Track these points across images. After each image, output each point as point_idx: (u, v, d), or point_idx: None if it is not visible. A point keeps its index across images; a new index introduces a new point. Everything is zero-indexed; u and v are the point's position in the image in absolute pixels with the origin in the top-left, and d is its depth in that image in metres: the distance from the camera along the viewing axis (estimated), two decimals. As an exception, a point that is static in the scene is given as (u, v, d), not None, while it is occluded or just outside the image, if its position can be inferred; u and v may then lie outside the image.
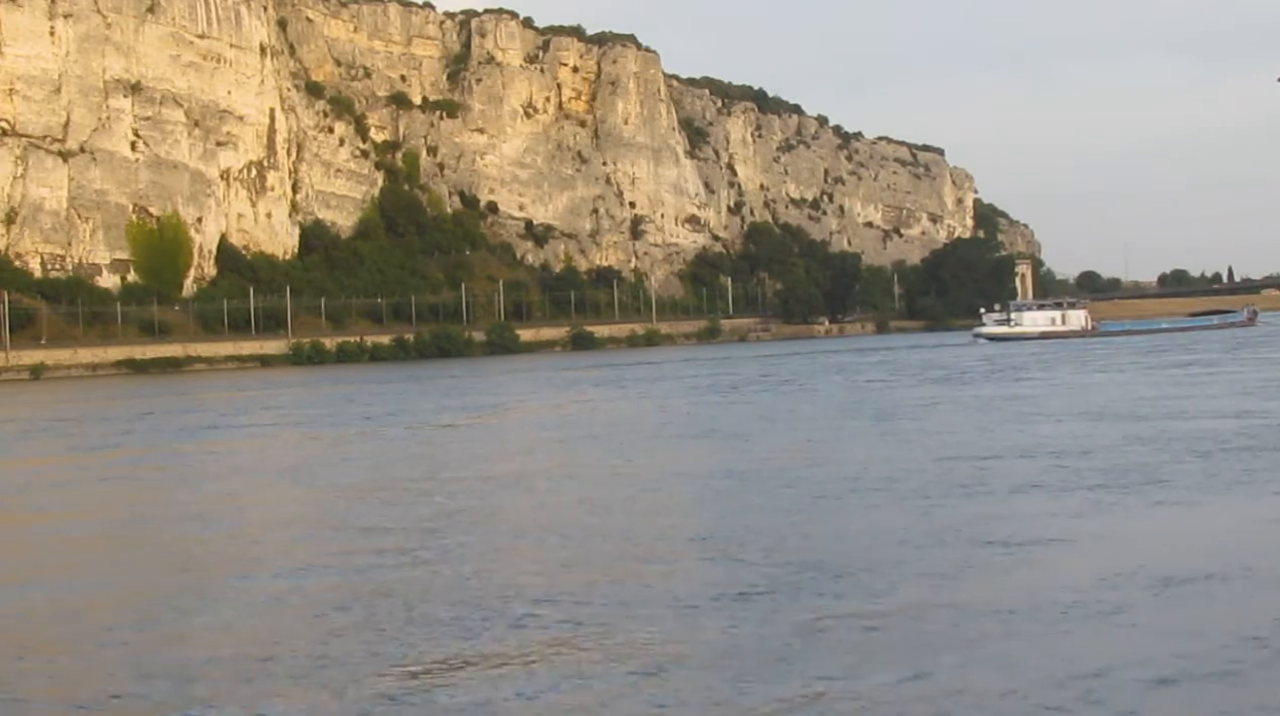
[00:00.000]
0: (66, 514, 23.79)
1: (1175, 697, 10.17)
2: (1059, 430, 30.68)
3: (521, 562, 16.64)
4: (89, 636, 13.35)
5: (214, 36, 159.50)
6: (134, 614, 14.27)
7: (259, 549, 18.83)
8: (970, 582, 14.20)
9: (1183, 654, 11.18)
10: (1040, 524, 17.61)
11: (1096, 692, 10.15)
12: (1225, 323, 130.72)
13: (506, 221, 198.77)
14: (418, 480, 26.20)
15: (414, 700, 10.54)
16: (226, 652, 12.27)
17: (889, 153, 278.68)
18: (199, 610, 14.23)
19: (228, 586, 15.63)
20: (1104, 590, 13.49)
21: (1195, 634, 11.85)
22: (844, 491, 21.46)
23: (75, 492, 27.76)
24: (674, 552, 16.75)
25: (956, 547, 16.08)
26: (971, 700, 10.15)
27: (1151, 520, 18.06)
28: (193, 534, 20.28)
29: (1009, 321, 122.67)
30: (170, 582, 16.16)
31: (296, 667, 11.57)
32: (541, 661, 11.46)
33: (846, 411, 40.58)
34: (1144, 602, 13.06)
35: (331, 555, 17.48)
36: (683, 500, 22.24)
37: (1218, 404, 36.70)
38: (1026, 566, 15.16)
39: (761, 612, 12.98)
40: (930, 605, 13.16)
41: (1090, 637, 11.81)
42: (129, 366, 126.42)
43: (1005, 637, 11.86)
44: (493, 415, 48.73)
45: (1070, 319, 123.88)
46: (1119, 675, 10.56)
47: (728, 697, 10.35)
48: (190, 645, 12.75)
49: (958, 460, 25.04)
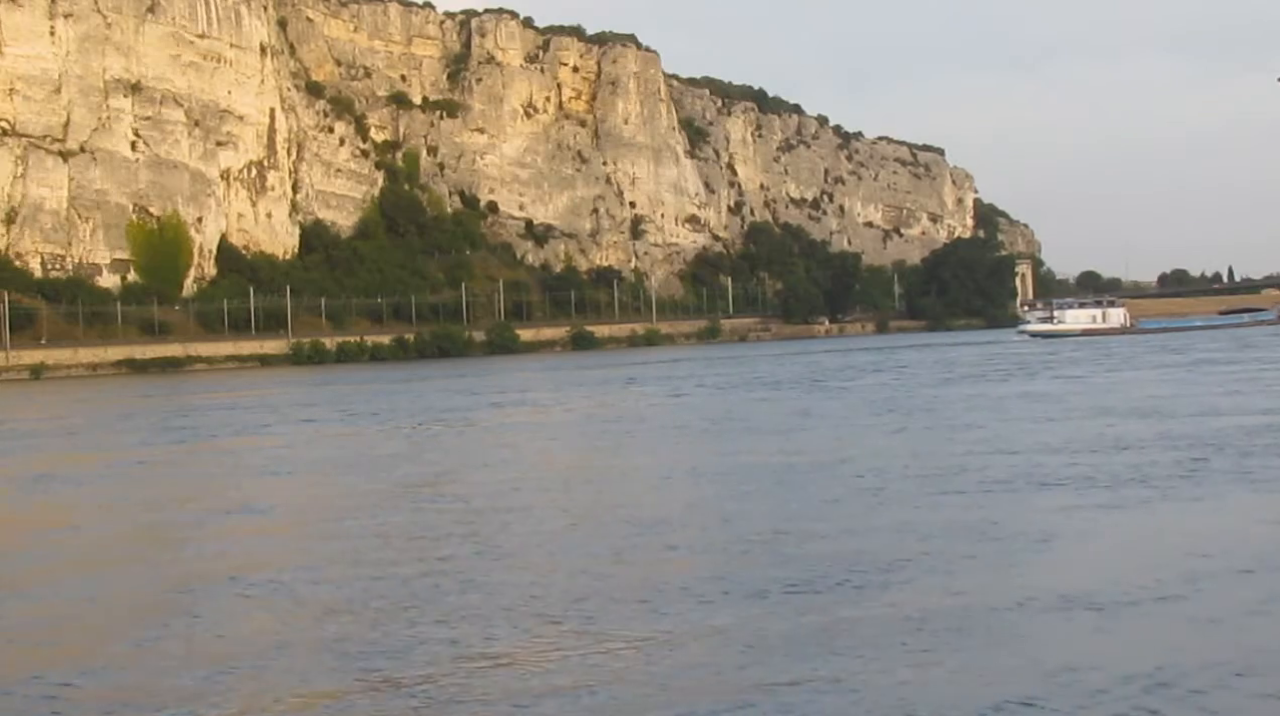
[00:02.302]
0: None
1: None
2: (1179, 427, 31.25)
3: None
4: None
5: (214, 36, 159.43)
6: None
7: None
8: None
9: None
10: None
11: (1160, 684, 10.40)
12: (1256, 321, 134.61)
13: (506, 221, 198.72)
14: (578, 468, 28.00)
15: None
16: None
17: (889, 152, 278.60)
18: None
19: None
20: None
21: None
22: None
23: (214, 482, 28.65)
24: (788, 543, 17.22)
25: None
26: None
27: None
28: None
29: (1052, 319, 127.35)
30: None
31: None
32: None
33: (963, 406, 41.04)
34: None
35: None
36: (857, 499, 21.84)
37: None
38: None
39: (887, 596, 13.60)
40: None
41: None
42: (129, 366, 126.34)
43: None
44: (540, 411, 49.56)
45: (1110, 316, 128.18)
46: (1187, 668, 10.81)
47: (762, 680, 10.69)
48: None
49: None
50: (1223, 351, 75.75)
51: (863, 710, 10.04)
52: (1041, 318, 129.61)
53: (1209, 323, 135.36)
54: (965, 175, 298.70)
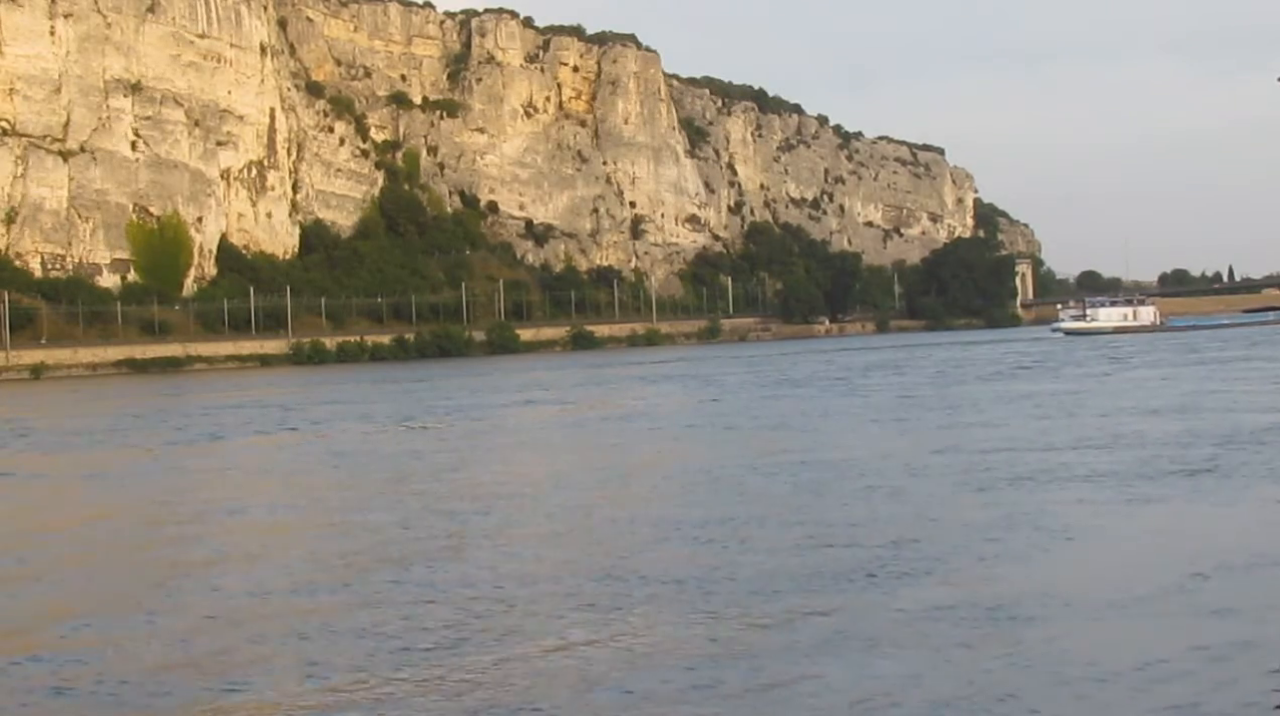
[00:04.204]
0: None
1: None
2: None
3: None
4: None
5: (214, 36, 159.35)
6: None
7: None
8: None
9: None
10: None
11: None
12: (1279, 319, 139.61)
13: (506, 221, 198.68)
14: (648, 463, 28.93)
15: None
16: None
17: (889, 152, 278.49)
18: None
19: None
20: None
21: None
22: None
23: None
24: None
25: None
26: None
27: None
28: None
29: (1085, 317, 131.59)
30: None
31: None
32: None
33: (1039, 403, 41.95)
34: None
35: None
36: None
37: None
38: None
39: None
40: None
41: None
42: (129, 366, 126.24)
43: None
44: (579, 407, 50.37)
45: (1141, 315, 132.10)
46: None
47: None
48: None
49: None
50: (1259, 348, 77.85)
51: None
52: (1075, 316, 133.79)
53: (1235, 321, 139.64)
54: (965, 175, 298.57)
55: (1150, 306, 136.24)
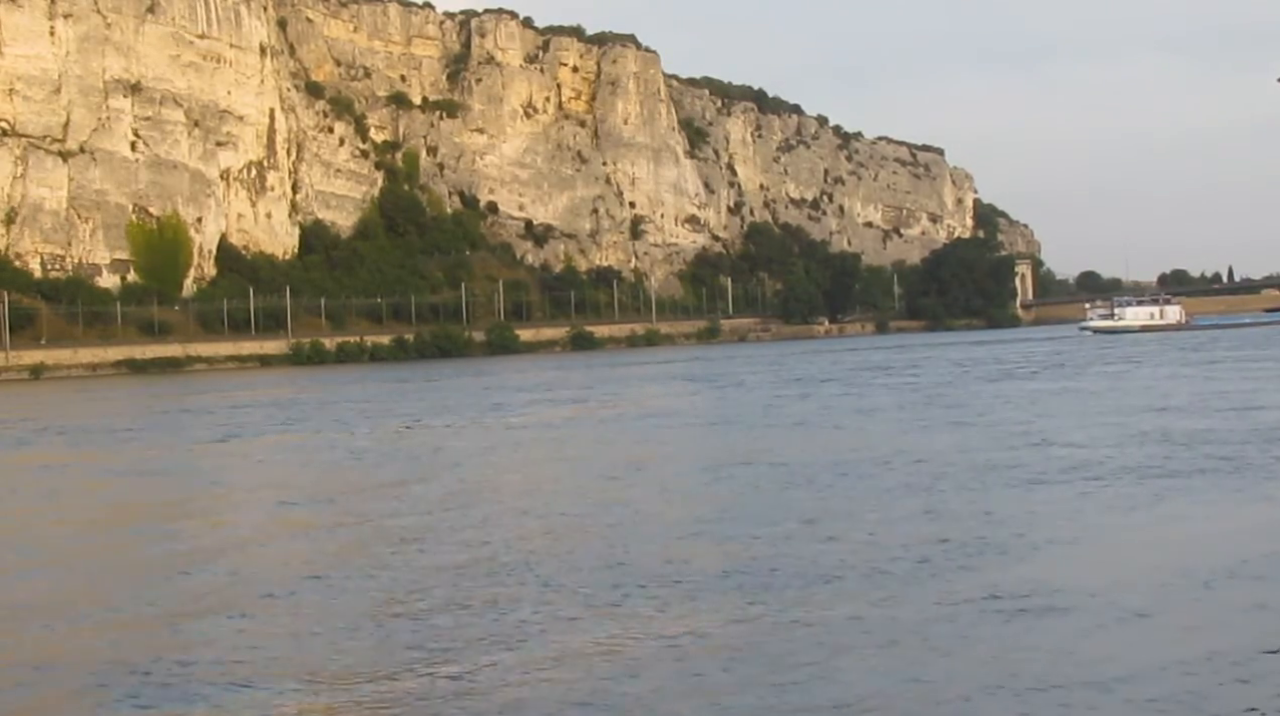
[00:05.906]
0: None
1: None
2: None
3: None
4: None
5: (214, 36, 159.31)
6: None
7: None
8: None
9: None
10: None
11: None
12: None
13: (506, 221, 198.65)
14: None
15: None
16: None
17: (889, 152, 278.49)
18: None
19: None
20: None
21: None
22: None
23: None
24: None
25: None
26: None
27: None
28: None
29: (1112, 316, 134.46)
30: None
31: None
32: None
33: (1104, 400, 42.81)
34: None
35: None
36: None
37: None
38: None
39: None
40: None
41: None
42: (129, 367, 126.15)
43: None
44: (609, 405, 50.94)
45: (1167, 314, 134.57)
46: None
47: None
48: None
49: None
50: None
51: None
52: (1103, 315, 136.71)
53: (1258, 320, 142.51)
54: (965, 175, 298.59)
55: (1176, 306, 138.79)
